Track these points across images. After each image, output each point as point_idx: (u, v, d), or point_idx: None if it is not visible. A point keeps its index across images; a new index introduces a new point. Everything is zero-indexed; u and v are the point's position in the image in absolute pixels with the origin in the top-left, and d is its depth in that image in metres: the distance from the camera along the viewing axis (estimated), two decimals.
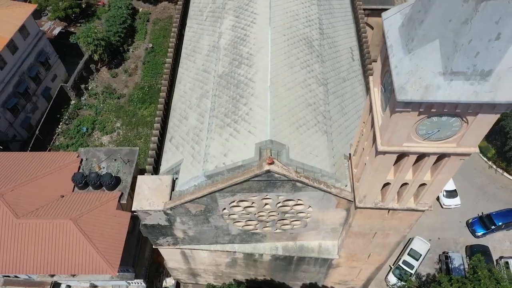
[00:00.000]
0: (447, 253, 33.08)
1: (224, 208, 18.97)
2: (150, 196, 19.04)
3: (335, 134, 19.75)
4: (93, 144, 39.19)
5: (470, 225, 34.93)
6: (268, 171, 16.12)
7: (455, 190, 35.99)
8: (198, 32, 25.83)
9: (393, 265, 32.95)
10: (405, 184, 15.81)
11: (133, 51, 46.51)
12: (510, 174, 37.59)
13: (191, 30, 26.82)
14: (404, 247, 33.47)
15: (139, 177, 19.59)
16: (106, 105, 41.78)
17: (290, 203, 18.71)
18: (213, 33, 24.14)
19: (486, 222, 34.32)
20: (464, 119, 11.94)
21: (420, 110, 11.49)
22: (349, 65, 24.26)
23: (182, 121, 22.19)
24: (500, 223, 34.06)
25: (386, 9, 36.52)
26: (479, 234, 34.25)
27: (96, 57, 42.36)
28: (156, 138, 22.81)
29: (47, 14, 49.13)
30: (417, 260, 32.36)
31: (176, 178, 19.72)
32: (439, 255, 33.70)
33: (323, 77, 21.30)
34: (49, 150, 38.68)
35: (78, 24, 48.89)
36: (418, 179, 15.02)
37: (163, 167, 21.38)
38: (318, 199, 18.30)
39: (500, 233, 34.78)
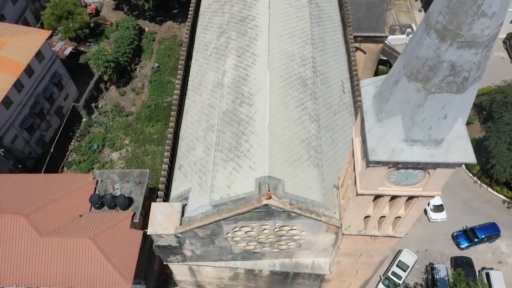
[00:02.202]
0: (433, 264, 35.73)
1: (228, 232, 21.61)
2: (163, 221, 21.68)
3: (325, 166, 22.37)
4: (104, 160, 41.85)
5: (455, 238, 37.60)
6: (266, 205, 18.77)
7: (441, 204, 38.65)
8: (203, 67, 28.45)
9: (382, 276, 35.59)
10: (383, 216, 18.47)
11: (140, 70, 49.18)
12: (493, 190, 40.24)
13: (197, 64, 29.42)
14: (393, 258, 36.10)
15: (153, 204, 22.23)
16: (115, 122, 44.45)
17: (286, 228, 21.35)
18: (218, 70, 26.77)
19: (470, 235, 37.00)
20: (426, 171, 14.59)
21: (389, 166, 14.16)
22: (339, 98, 26.87)
23: (190, 151, 24.82)
24: (482, 236, 36.72)
25: (378, 36, 39.44)
26: (463, 246, 36.92)
27: (105, 77, 45.01)
28: (167, 166, 25.35)
29: (58, 33, 51.76)
30: (405, 271, 35.02)
31: (185, 204, 22.36)
32: (426, 266, 36.36)
33: (316, 113, 23.93)
34: (63, 167, 41.42)
35: (87, 44, 51.55)
36: (393, 213, 17.68)
37: (173, 193, 23.99)
38: (310, 225, 20.94)
39: (483, 245, 37.43)
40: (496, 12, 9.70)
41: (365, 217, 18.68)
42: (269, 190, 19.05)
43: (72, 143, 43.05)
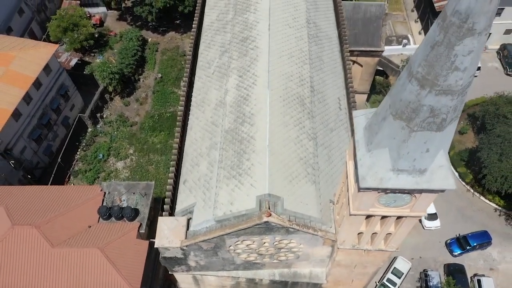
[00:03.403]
0: (427, 271, 37.13)
1: (230, 246, 23.01)
2: (169, 235, 23.08)
3: (322, 182, 23.76)
4: (109, 169, 43.23)
5: (448, 245, 39.01)
6: (267, 222, 20.17)
7: (435, 213, 40.04)
8: (206, 84, 29.83)
9: (378, 282, 36.98)
10: (376, 232, 19.86)
11: (143, 81, 50.57)
12: (486, 198, 41.64)
13: (200, 81, 30.80)
14: (388, 266, 37.48)
15: (160, 219, 23.64)
16: (119, 132, 45.82)
17: (285, 242, 22.75)
18: (220, 88, 28.15)
19: (463, 243, 38.41)
20: (413, 195, 16.00)
21: (378, 191, 15.56)
22: (336, 116, 28.26)
23: (194, 166, 26.21)
24: (474, 244, 38.14)
25: (374, 51, 41.02)
26: (456, 253, 38.33)
27: (110, 88, 46.39)
28: (172, 180, 26.72)
29: (63, 44, 53.09)
30: (399, 278, 36.42)
31: (190, 218, 23.77)
32: (420, 273, 37.75)
33: (313, 132, 25.32)
34: (69, 176, 42.79)
35: (92, 54, 52.93)
36: (384, 231, 19.09)
37: (178, 207, 25.39)
38: (308, 239, 22.34)
39: (475, 253, 38.83)
40: (468, 67, 11.12)
41: (359, 232, 20.08)
42: (269, 208, 20.44)
43: (78, 153, 44.43)
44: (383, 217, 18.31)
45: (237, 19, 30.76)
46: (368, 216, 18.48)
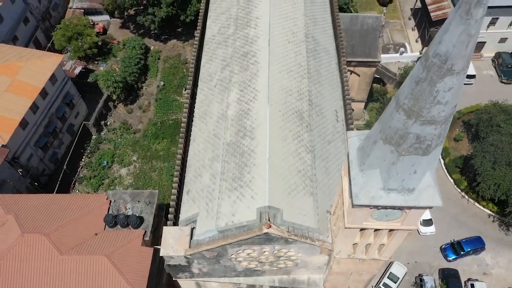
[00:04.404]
0: (422, 276, 38.29)
1: (232, 254, 24.16)
2: (173, 244, 24.22)
3: (320, 193, 24.90)
4: (113, 176, 44.37)
5: (443, 251, 40.16)
6: (267, 233, 21.32)
7: (430, 219, 41.19)
8: (208, 97, 30.97)
9: (374, 287, 38.12)
10: (370, 243, 21.01)
11: (146, 88, 51.73)
12: (480, 204, 42.79)
13: (202, 93, 31.94)
14: (385, 270, 38.63)
15: (165, 228, 24.77)
16: (123, 139, 46.98)
17: (284, 251, 23.91)
18: (222, 102, 29.29)
19: (457, 248, 39.55)
20: (403, 211, 17.14)
21: (371, 207, 16.71)
22: (333, 128, 29.41)
23: (197, 177, 27.36)
24: (468, 249, 39.31)
25: (371, 61, 42.28)
26: (451, 258, 39.48)
27: (114, 96, 47.55)
28: (176, 190, 27.84)
29: (67, 52, 54.23)
30: (395, 282, 37.58)
31: (193, 228, 24.90)
32: (415, 277, 38.91)
33: (311, 145, 26.46)
34: (75, 182, 43.93)
35: (96, 62, 54.07)
36: (378, 242, 20.24)
37: (182, 216, 26.52)
38: (306, 248, 23.48)
39: (469, 258, 39.97)
40: (449, 100, 12.27)
41: (354, 243, 21.23)
42: (268, 219, 21.58)
43: (83, 160, 45.58)
44: (376, 230, 19.46)
45: (238, 34, 31.90)
46: (362, 229, 19.63)
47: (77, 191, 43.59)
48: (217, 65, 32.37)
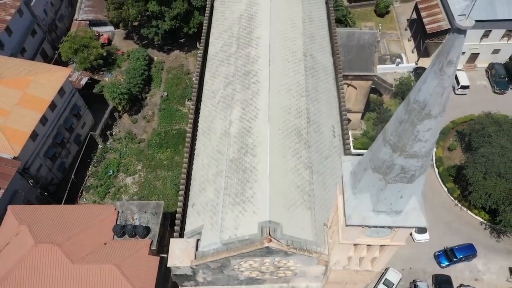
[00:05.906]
0: (416, 282, 39.93)
1: (235, 265, 25.80)
2: (180, 255, 25.85)
3: (317, 207, 26.54)
4: (118, 185, 45.99)
5: (436, 257, 41.81)
6: (267, 247, 22.97)
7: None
8: (212, 114, 32.59)
9: None
10: (363, 256, 22.65)
11: (150, 99, 53.36)
12: (472, 212, 44.43)
13: (206, 110, 33.57)
14: (380, 277, 40.26)
15: (172, 240, 26.40)
16: (128, 149, 48.61)
17: (283, 261, 25.55)
18: (225, 119, 30.92)
19: (450, 255, 41.21)
20: (392, 229, 18.78)
21: (362, 227, 18.35)
22: (330, 143, 31.05)
23: (201, 191, 29.00)
24: (460, 256, 40.96)
25: (367, 75, 43.95)
26: (444, 265, 41.13)
27: (119, 107, 49.18)
28: (181, 203, 29.45)
29: (73, 63, 55.86)
30: None
31: (198, 239, 26.54)
32: (410, 283, 40.55)
33: (309, 161, 28.10)
34: (82, 191, 45.57)
35: (101, 72, 55.71)
36: (370, 255, 21.89)
37: (188, 228, 28.17)
38: (304, 260, 25.13)
39: (461, 264, 41.61)
40: (428, 138, 13.92)
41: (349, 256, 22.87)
42: (269, 234, 23.21)
43: (89, 169, 47.20)
44: (369, 245, 21.09)
45: (240, 53, 33.54)
46: (356, 244, 21.26)
47: (84, 199, 45.23)
48: (220, 82, 34.00)
